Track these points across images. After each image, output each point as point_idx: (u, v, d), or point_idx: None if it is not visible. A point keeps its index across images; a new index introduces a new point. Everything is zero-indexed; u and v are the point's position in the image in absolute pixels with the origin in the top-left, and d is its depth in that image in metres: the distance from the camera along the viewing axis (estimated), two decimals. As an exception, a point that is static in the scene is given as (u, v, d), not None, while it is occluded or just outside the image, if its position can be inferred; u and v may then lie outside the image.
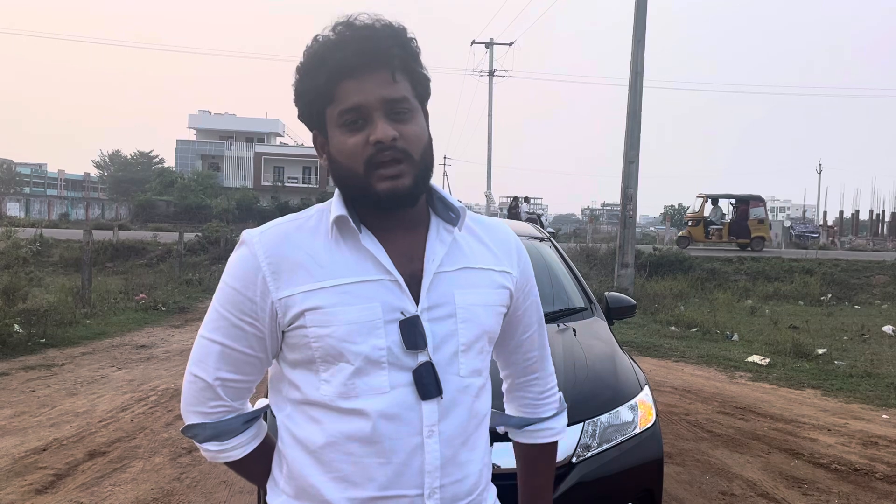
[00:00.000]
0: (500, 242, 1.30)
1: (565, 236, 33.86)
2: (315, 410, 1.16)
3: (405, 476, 1.14)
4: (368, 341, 1.12)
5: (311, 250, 1.16)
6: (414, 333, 1.13)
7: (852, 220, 53.43)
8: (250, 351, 1.18)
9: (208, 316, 1.20)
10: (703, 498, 4.23)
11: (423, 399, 1.14)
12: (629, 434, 2.90)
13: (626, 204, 14.58)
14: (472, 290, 1.21)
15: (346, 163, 1.14)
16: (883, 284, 17.50)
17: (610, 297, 4.19)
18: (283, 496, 1.22)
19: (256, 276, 1.15)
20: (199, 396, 1.21)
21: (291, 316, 1.14)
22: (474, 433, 1.21)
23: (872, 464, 4.92)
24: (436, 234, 1.21)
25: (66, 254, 17.16)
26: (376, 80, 1.12)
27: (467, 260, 1.23)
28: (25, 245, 14.75)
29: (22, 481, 4.13)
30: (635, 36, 14.40)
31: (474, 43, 38.64)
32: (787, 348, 9.15)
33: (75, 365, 7.37)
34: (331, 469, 1.15)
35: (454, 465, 1.17)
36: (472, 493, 1.21)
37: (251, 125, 65.99)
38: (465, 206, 1.24)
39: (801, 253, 23.51)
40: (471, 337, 1.19)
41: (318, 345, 1.13)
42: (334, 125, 1.15)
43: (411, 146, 1.14)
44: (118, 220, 41.48)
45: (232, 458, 1.25)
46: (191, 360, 1.21)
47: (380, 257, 1.15)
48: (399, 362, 1.13)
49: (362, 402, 1.13)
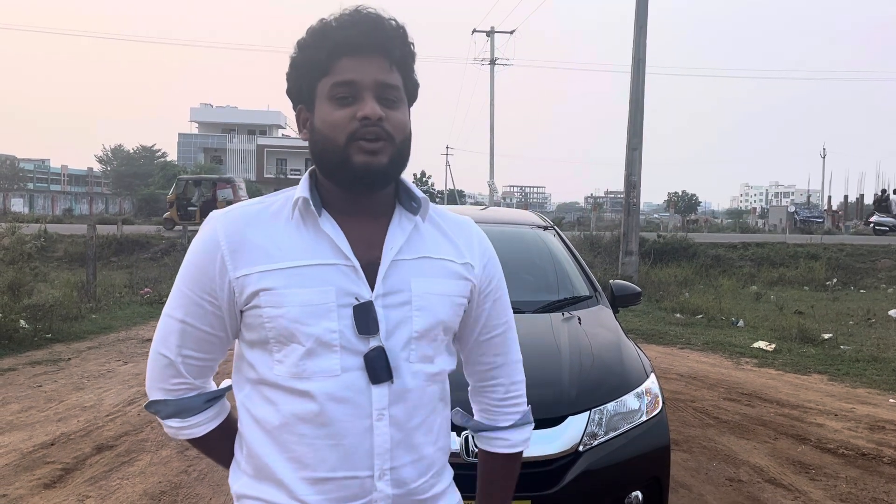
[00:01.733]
0: (464, 237, 1.31)
1: (569, 225, 33.82)
2: (270, 391, 1.18)
3: (355, 458, 1.16)
4: (320, 323, 1.14)
5: (271, 232, 1.18)
6: (367, 318, 1.15)
7: (857, 204, 53.22)
8: (210, 329, 1.21)
9: (172, 294, 1.24)
10: (711, 484, 4.23)
11: (374, 383, 1.16)
12: (636, 422, 2.89)
13: (630, 191, 14.54)
14: (430, 279, 1.22)
15: (329, 133, 1.17)
16: (888, 269, 17.44)
17: (615, 285, 4.17)
18: (243, 476, 1.24)
19: (216, 254, 1.17)
20: (162, 373, 1.24)
21: (247, 295, 1.16)
22: (428, 418, 1.23)
23: (880, 448, 4.91)
24: (397, 222, 1.24)
25: (71, 249, 17.18)
26: (374, 63, 1.16)
27: (427, 250, 1.25)
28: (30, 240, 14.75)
29: (30, 476, 4.14)
30: (637, 22, 14.31)
31: (475, 32, 38.48)
32: (793, 334, 9.14)
33: (81, 359, 7.39)
34: (285, 449, 1.17)
35: (405, 447, 1.19)
36: (425, 475, 1.23)
37: (253, 117, 65.95)
38: (428, 198, 1.28)
39: (805, 238, 23.43)
40: (425, 325, 1.21)
41: (271, 325, 1.15)
42: (324, 97, 1.17)
43: (394, 130, 1.17)
44: (122, 214, 41.55)
45: (193, 434, 1.29)
46: (155, 337, 1.25)
47: (338, 241, 1.17)
48: (351, 346, 1.15)
49: (312, 383, 1.15)
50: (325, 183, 1.22)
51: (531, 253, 4.47)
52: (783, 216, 40.35)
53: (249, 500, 1.22)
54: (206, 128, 66.14)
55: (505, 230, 4.69)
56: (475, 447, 2.61)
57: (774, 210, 50.21)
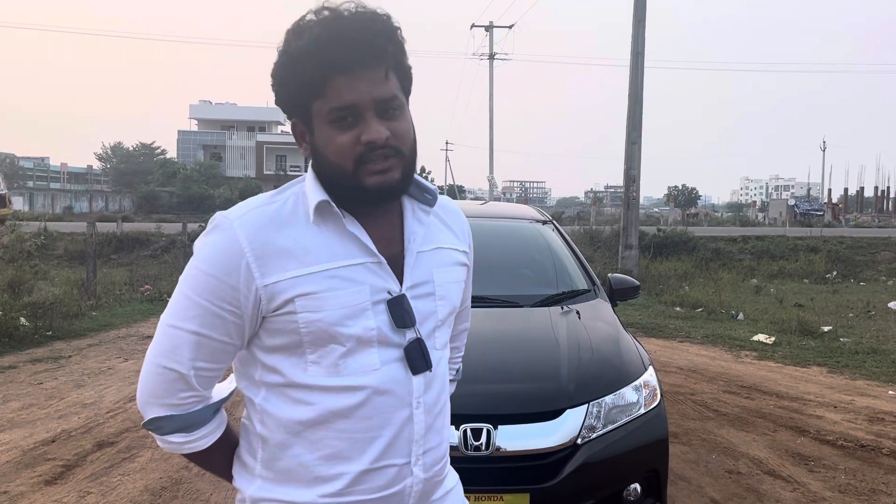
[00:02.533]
0: (458, 223, 1.37)
1: (569, 219, 33.81)
2: (300, 392, 1.16)
3: (396, 447, 1.19)
4: (360, 323, 1.15)
5: (295, 234, 1.15)
6: (402, 312, 1.18)
7: (857, 197, 53.23)
8: (227, 339, 1.15)
9: (177, 304, 1.15)
10: (710, 477, 4.24)
11: (414, 374, 1.20)
12: (634, 415, 2.90)
13: (630, 185, 14.54)
14: (445, 269, 1.28)
15: (334, 159, 1.14)
16: (888, 261, 17.45)
17: (613, 279, 4.17)
18: (258, 481, 1.22)
19: (240, 262, 1.11)
20: (168, 388, 1.16)
21: (279, 302, 1.13)
22: (446, 401, 1.31)
23: (879, 440, 4.92)
24: (412, 214, 1.25)
25: (71, 246, 17.18)
26: (369, 79, 1.12)
27: (439, 240, 1.30)
28: (30, 238, 14.77)
29: (31, 473, 4.15)
30: (636, 16, 14.28)
31: (474, 26, 38.38)
32: (793, 326, 9.14)
33: (82, 357, 7.40)
34: (320, 447, 1.17)
35: (433, 432, 1.24)
36: (445, 456, 1.32)
37: (252, 114, 65.83)
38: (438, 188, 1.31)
39: (805, 231, 23.43)
40: (446, 313, 1.27)
41: (307, 329, 1.13)
42: (323, 120, 1.14)
43: (401, 143, 1.16)
44: (122, 211, 41.51)
45: (197, 448, 1.23)
46: (156, 350, 1.16)
47: (364, 240, 1.18)
48: (388, 340, 1.18)
49: (354, 379, 1.16)
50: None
51: (530, 247, 4.48)
52: (783, 209, 40.35)
53: (270, 503, 1.20)
54: (206, 125, 66.07)
55: (504, 225, 4.70)
56: (474, 441, 2.63)
57: (774, 203, 50.24)
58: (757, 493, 4.02)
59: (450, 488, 1.35)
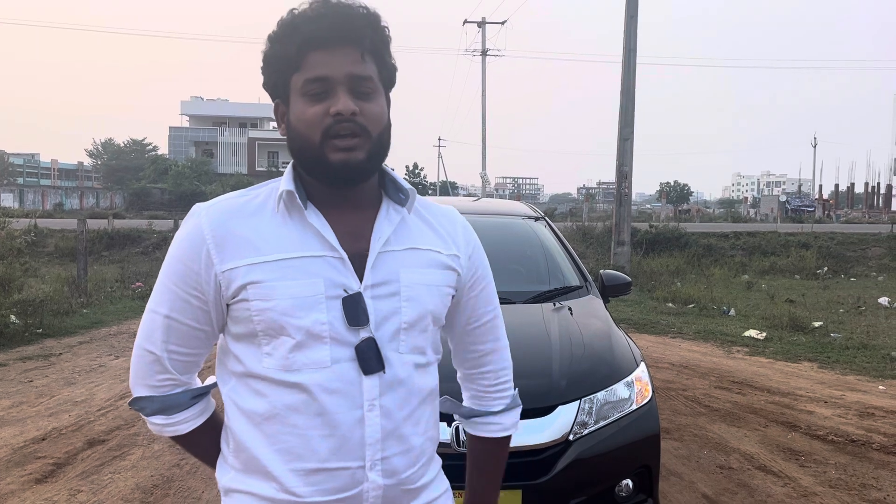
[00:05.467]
0: (449, 227, 1.32)
1: (561, 216, 33.86)
2: (258, 383, 1.18)
3: (346, 448, 1.17)
4: (310, 316, 1.14)
5: (257, 225, 1.18)
6: (356, 310, 1.16)
7: (848, 193, 53.50)
8: (195, 324, 1.20)
9: (156, 289, 1.22)
10: (701, 472, 4.26)
11: (365, 374, 1.16)
12: (626, 411, 2.90)
13: (622, 182, 14.56)
14: (418, 270, 1.23)
15: (304, 131, 1.16)
16: (878, 256, 17.56)
17: (605, 275, 4.18)
18: (231, 471, 1.24)
19: (201, 248, 1.16)
20: (147, 370, 1.23)
21: (234, 289, 1.15)
22: (417, 409, 1.24)
23: (869, 434, 4.95)
24: (385, 214, 1.24)
25: (62, 244, 17.11)
26: (345, 55, 1.15)
27: (414, 241, 1.25)
28: (20, 235, 14.69)
29: (21, 471, 4.13)
30: (628, 12, 14.29)
31: (466, 22, 38.34)
32: (784, 322, 9.19)
33: (73, 354, 7.37)
34: (275, 441, 1.17)
35: (395, 438, 1.20)
36: (415, 465, 1.24)
37: (244, 110, 65.54)
38: (415, 189, 1.28)
39: (796, 227, 23.54)
40: (413, 315, 1.21)
41: (259, 318, 1.15)
42: (298, 93, 1.17)
43: (370, 123, 1.17)
44: (113, 208, 41.35)
45: (178, 431, 1.27)
46: (139, 333, 1.23)
47: (325, 233, 1.17)
48: (341, 337, 1.16)
49: (303, 375, 1.15)
50: (307, 176, 1.22)
51: (522, 244, 4.48)
52: (775, 205, 40.52)
53: (238, 493, 1.21)
54: (198, 121, 65.76)
55: (496, 221, 4.69)
56: (465, 436, 2.62)
57: (766, 199, 50.44)
58: (748, 488, 4.04)
59: (433, 498, 1.29)
